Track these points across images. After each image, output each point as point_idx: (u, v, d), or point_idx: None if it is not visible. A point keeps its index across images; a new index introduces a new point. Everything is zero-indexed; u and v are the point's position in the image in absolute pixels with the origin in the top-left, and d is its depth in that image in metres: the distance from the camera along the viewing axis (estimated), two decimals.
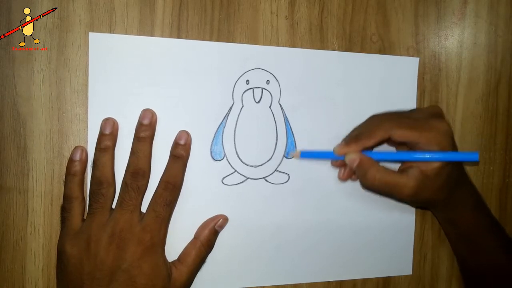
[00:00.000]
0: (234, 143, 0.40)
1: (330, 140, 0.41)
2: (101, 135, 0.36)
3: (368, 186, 0.38)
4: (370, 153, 0.38)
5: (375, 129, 0.37)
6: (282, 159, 0.41)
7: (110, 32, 0.37)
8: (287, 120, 0.41)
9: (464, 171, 0.41)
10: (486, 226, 0.41)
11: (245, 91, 0.40)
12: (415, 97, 0.45)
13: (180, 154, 0.37)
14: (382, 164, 0.38)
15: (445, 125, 0.37)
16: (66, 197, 0.36)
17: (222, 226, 0.39)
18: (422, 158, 0.36)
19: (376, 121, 0.39)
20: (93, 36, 0.37)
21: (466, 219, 0.40)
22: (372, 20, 0.44)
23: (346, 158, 0.38)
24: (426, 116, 0.38)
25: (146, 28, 0.38)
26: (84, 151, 0.37)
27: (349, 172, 0.41)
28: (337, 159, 0.40)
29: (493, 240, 0.41)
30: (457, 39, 0.47)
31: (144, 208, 0.36)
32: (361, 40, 0.43)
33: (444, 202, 0.39)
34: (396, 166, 0.40)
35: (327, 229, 0.43)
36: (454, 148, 0.38)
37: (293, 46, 0.42)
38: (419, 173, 0.36)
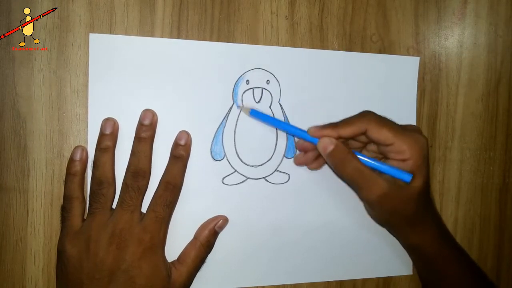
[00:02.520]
0: (234, 143, 0.40)
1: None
2: (102, 135, 0.36)
3: (341, 173, 0.37)
4: None
5: (355, 119, 0.37)
6: (282, 159, 0.41)
7: (110, 32, 0.38)
8: (287, 120, 0.41)
9: (430, 198, 0.40)
10: (451, 255, 0.40)
11: (245, 91, 0.40)
12: (415, 97, 0.45)
13: (180, 154, 0.37)
14: None
15: (423, 140, 0.37)
16: (66, 197, 0.36)
17: (222, 227, 0.39)
18: (369, 163, 0.36)
19: (359, 114, 0.38)
20: (94, 37, 0.37)
21: (429, 247, 0.39)
22: (372, 20, 0.44)
23: (318, 144, 0.36)
24: (407, 127, 0.38)
25: (146, 28, 0.38)
26: (85, 151, 0.37)
27: (307, 158, 0.40)
28: (290, 133, 0.40)
29: (459, 269, 0.40)
30: (457, 39, 0.47)
31: (144, 208, 0.36)
32: (361, 40, 0.43)
33: (410, 221, 0.38)
34: None
35: (327, 229, 0.43)
36: (426, 163, 0.37)
37: (293, 46, 0.42)
38: (391, 178, 0.36)
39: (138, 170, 0.35)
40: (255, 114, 0.39)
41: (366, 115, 0.37)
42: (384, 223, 0.41)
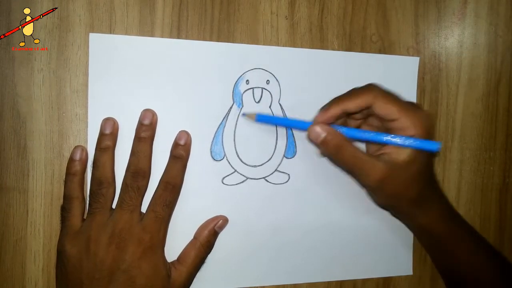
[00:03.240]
0: (234, 143, 0.40)
1: None
2: (101, 135, 0.36)
3: (338, 160, 0.36)
4: (337, 127, 0.36)
5: (360, 92, 0.35)
6: (282, 159, 0.41)
7: (110, 32, 0.38)
8: None
9: (434, 174, 0.39)
10: (462, 233, 0.39)
11: (245, 91, 0.40)
12: (415, 97, 0.45)
13: (180, 154, 0.37)
14: None
15: (429, 116, 0.35)
16: (66, 197, 0.36)
17: (222, 227, 0.39)
18: (389, 141, 0.34)
19: (363, 87, 0.36)
20: (93, 37, 0.37)
21: (438, 226, 0.39)
22: (372, 20, 0.44)
23: (308, 132, 0.35)
24: (411, 103, 0.37)
25: (146, 28, 0.38)
26: (84, 151, 0.37)
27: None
28: (299, 129, 0.37)
29: (471, 247, 0.39)
30: (457, 39, 0.47)
31: (144, 208, 0.36)
32: (361, 40, 0.43)
33: (415, 202, 0.37)
34: None
35: (327, 229, 0.43)
36: (431, 137, 0.35)
37: (293, 46, 0.42)
38: (390, 160, 0.35)
39: (138, 170, 0.35)
40: (261, 119, 0.39)
41: (373, 89, 0.35)
42: (389, 207, 0.40)
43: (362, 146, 0.41)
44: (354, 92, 0.36)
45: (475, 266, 0.39)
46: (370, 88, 0.36)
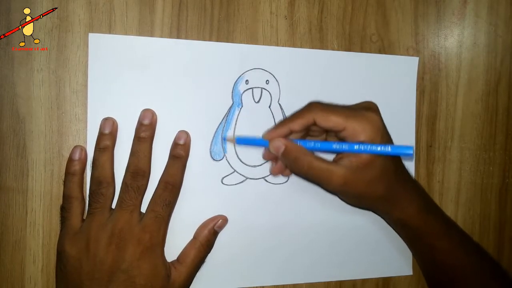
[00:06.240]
0: (234, 143, 0.40)
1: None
2: (101, 135, 0.36)
3: (297, 172, 0.37)
4: (296, 141, 0.36)
5: (301, 112, 0.36)
6: None
7: (110, 32, 0.38)
8: None
9: (405, 170, 0.39)
10: (439, 229, 0.39)
11: (245, 91, 0.40)
12: (415, 97, 0.45)
13: (179, 154, 0.37)
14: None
15: (375, 116, 0.35)
16: (66, 197, 0.36)
17: (221, 227, 0.39)
18: (351, 150, 0.34)
19: (306, 105, 0.37)
20: (93, 37, 0.37)
21: (415, 220, 0.38)
22: (372, 20, 0.44)
23: (270, 146, 0.36)
24: (357, 108, 0.37)
25: (145, 28, 0.38)
26: (84, 151, 0.37)
27: (280, 166, 0.39)
28: (257, 145, 0.39)
29: (449, 241, 0.39)
30: (457, 39, 0.47)
31: (144, 208, 0.36)
32: (360, 40, 0.43)
33: (385, 200, 0.37)
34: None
35: (327, 229, 0.43)
36: (385, 141, 0.35)
37: (293, 46, 0.42)
38: (349, 163, 0.34)
39: (138, 170, 0.35)
40: (241, 141, 0.39)
41: (312, 106, 0.36)
42: (361, 206, 0.41)
43: None
44: (296, 113, 0.36)
45: (453, 262, 0.39)
46: (310, 105, 0.36)
